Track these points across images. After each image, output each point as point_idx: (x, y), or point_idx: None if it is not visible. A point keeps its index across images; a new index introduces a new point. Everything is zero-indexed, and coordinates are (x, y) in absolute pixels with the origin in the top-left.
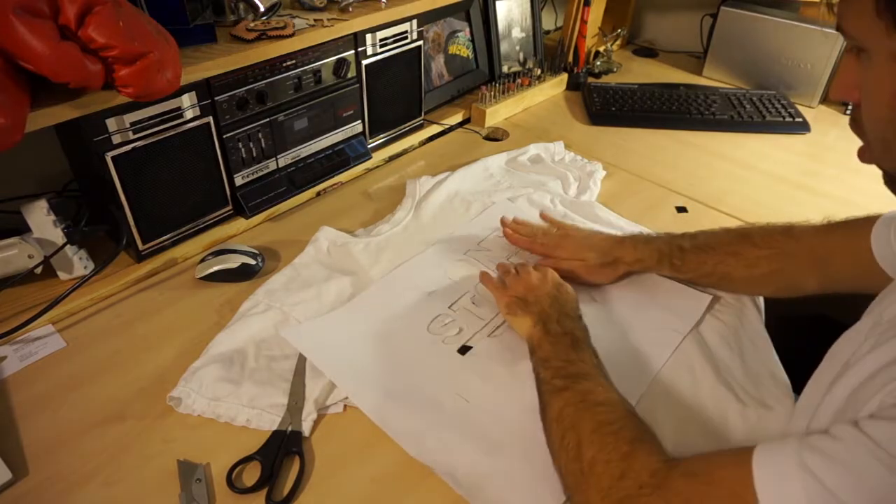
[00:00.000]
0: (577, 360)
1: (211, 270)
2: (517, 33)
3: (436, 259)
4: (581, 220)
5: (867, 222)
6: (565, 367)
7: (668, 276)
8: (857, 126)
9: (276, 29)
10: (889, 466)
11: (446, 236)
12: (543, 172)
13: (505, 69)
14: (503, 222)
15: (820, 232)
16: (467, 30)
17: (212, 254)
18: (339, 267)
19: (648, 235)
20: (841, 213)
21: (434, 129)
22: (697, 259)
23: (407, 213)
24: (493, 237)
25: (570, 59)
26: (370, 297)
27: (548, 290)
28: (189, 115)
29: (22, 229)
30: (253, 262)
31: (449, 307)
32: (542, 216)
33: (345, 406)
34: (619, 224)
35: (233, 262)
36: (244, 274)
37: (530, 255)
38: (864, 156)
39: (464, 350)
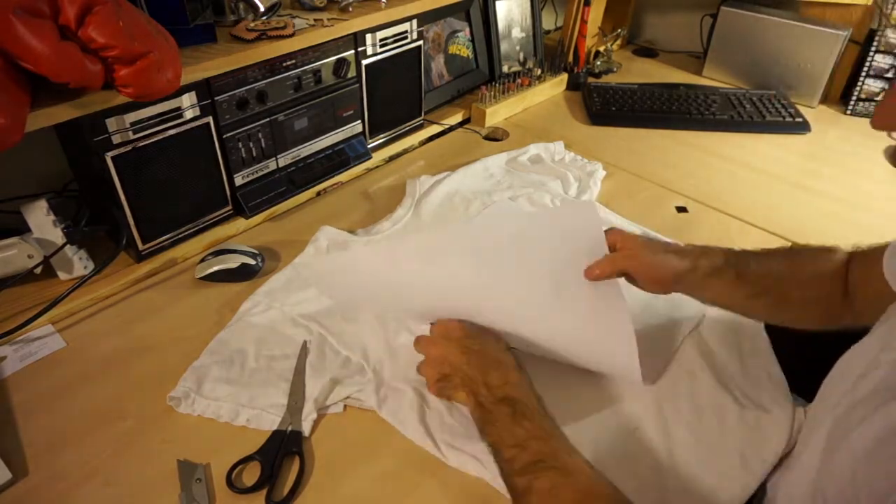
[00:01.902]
0: (526, 437)
1: (211, 270)
2: (517, 33)
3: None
4: None
5: (880, 249)
6: (517, 455)
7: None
8: None
9: (276, 29)
10: None
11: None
12: (543, 172)
13: (505, 69)
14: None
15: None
16: (467, 30)
17: (212, 254)
18: None
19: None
20: (840, 212)
21: (434, 129)
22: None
23: (407, 211)
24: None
25: (571, 58)
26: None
27: (453, 348)
28: (189, 114)
29: (22, 229)
30: (253, 262)
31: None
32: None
33: (345, 406)
34: (619, 224)
35: (233, 262)
36: (244, 274)
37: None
38: None
39: None
